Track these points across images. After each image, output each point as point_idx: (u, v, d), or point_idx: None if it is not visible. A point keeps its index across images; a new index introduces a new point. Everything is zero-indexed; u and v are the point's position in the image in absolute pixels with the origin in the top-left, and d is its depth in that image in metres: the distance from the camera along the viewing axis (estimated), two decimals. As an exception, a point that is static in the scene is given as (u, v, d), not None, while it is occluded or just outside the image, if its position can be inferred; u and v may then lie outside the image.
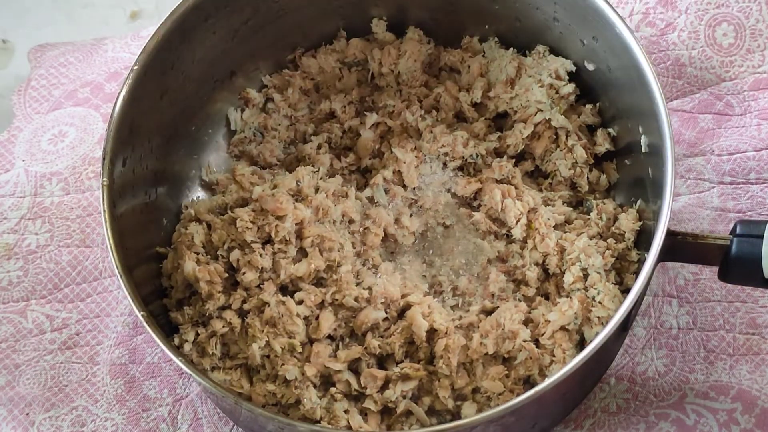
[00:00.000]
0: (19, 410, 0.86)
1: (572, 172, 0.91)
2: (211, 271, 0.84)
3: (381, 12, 0.97)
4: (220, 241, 0.85)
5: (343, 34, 0.98)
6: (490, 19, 0.94)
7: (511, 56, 0.93)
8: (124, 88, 0.83)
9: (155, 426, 0.87)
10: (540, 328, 0.82)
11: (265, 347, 0.82)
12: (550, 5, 0.88)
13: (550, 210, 0.88)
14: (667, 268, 0.90)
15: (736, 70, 0.95)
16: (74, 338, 0.91)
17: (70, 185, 0.97)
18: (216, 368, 0.82)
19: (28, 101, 1.04)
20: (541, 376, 0.81)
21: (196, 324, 0.83)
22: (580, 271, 0.83)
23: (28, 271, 0.93)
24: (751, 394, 0.82)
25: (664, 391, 0.84)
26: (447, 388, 0.81)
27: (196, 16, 0.87)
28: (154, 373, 0.89)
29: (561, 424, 0.85)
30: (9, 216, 0.95)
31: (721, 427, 0.81)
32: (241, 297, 0.83)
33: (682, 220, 0.91)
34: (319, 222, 0.86)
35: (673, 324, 0.87)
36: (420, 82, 0.96)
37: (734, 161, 0.92)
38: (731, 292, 0.87)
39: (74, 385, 0.88)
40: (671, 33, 0.96)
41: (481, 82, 0.94)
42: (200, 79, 0.92)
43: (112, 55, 1.07)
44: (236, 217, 0.84)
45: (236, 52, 0.94)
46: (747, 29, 0.95)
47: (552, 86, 0.91)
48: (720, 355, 0.85)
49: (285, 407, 0.82)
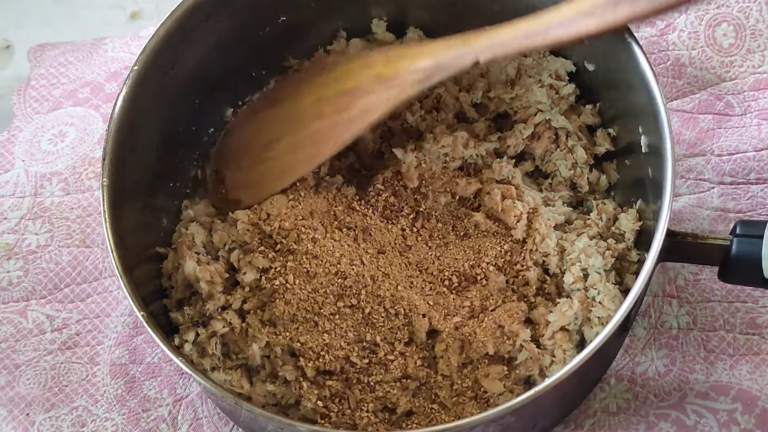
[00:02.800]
0: (19, 410, 0.86)
1: (572, 173, 0.91)
2: (211, 271, 0.84)
3: (381, 12, 0.97)
4: (221, 243, 0.85)
5: (343, 34, 0.98)
6: (490, 19, 0.94)
7: (511, 56, 0.93)
8: (124, 88, 0.83)
9: (155, 426, 0.87)
10: (540, 328, 0.82)
11: (265, 347, 0.82)
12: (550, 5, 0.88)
13: (550, 210, 0.88)
14: (667, 268, 0.90)
15: (736, 71, 0.95)
16: (74, 338, 0.91)
17: (70, 185, 0.97)
18: (216, 368, 0.82)
19: (28, 101, 1.04)
20: (541, 376, 0.81)
21: (197, 324, 0.84)
22: (580, 271, 0.83)
23: (28, 271, 0.93)
24: (751, 394, 0.82)
25: (664, 391, 0.84)
26: (447, 388, 0.81)
27: (196, 16, 0.87)
28: (154, 373, 0.89)
29: (561, 424, 0.85)
30: (9, 216, 0.95)
31: (721, 427, 0.81)
32: (242, 297, 0.84)
33: (682, 220, 0.91)
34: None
35: (673, 324, 0.87)
36: (420, 82, 0.96)
37: (734, 161, 0.92)
38: (731, 292, 0.87)
39: (74, 386, 0.88)
40: (671, 33, 0.96)
41: (481, 82, 0.94)
42: (200, 79, 0.92)
43: (112, 55, 1.07)
44: (237, 219, 0.85)
45: (236, 52, 0.94)
46: (747, 29, 0.95)
47: (552, 87, 0.91)
48: (720, 355, 0.85)
49: (285, 407, 0.82)
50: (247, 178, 0.87)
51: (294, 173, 0.85)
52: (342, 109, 0.85)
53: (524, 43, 0.80)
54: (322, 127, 0.85)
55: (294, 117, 0.87)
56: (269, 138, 0.88)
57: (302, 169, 0.85)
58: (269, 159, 0.87)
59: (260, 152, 0.88)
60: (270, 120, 0.89)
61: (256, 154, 0.88)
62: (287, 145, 0.86)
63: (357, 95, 0.85)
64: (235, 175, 0.89)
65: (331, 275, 0.83)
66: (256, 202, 0.85)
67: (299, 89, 0.89)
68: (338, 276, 0.83)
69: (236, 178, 0.89)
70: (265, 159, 0.87)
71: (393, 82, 0.84)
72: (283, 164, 0.86)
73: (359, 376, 0.81)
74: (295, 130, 0.87)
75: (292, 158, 0.85)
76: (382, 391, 0.81)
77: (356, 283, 0.83)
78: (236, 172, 0.89)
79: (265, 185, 0.86)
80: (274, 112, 0.89)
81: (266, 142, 0.88)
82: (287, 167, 0.85)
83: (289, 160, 0.85)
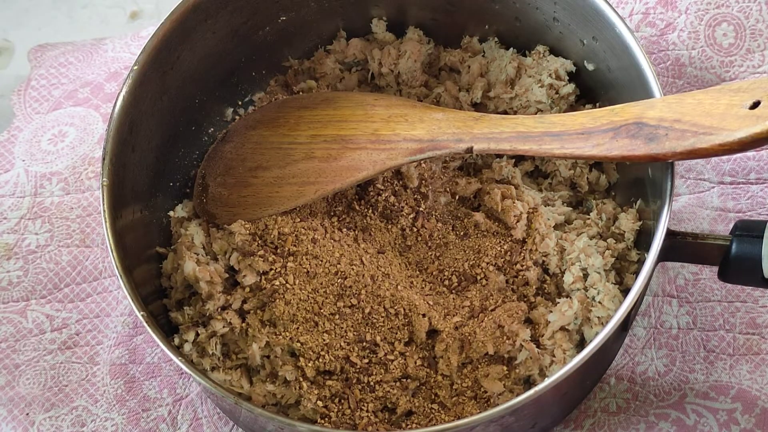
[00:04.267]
0: (19, 410, 0.86)
1: (572, 173, 0.91)
2: (211, 271, 0.84)
3: (381, 12, 0.97)
4: (221, 251, 0.86)
5: (343, 34, 0.98)
6: (490, 19, 0.94)
7: (511, 56, 0.94)
8: (124, 88, 0.83)
9: (155, 426, 0.87)
10: (540, 328, 0.82)
11: (265, 347, 0.82)
12: (550, 5, 0.88)
13: (550, 210, 0.88)
14: (667, 268, 0.90)
15: (736, 70, 0.95)
16: (74, 338, 0.91)
17: (70, 185, 0.97)
18: (216, 368, 0.82)
19: (28, 101, 1.04)
20: (541, 376, 0.81)
21: (196, 324, 0.84)
22: (580, 271, 0.83)
23: (28, 271, 0.93)
24: (751, 394, 0.82)
25: (664, 391, 0.84)
26: (447, 388, 0.81)
27: (196, 16, 0.87)
28: (154, 373, 0.89)
29: (561, 424, 0.85)
30: (9, 216, 0.95)
31: (721, 427, 0.81)
32: (242, 297, 0.84)
33: (682, 220, 0.91)
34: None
35: (673, 324, 0.87)
36: (420, 82, 0.96)
37: (734, 161, 0.92)
38: (731, 292, 0.87)
39: (74, 385, 0.88)
40: (671, 33, 0.96)
41: (481, 82, 0.94)
42: (200, 79, 0.92)
43: (112, 55, 1.07)
44: (234, 231, 0.85)
45: (236, 52, 0.94)
46: (747, 29, 0.95)
47: (552, 86, 0.91)
48: (720, 355, 0.85)
49: (285, 407, 0.82)
50: (229, 197, 0.88)
51: (273, 207, 0.85)
52: (332, 157, 0.86)
53: (518, 147, 0.80)
54: (309, 169, 0.86)
55: (287, 149, 0.88)
56: (258, 163, 0.88)
57: (281, 206, 0.85)
58: (253, 185, 0.87)
59: (246, 174, 0.88)
60: (264, 143, 0.89)
61: (242, 175, 0.88)
62: (273, 176, 0.87)
63: (350, 147, 0.86)
64: (219, 189, 0.89)
65: (331, 275, 0.83)
66: (230, 223, 0.86)
67: (301, 117, 0.89)
68: (338, 276, 0.83)
69: (218, 192, 0.89)
70: (249, 183, 0.87)
71: (386, 145, 0.85)
72: (264, 195, 0.86)
73: (359, 376, 0.81)
74: (283, 164, 0.87)
75: (274, 192, 0.86)
76: (382, 391, 0.81)
77: (356, 283, 0.83)
78: (220, 186, 0.89)
79: (243, 211, 0.86)
80: (270, 135, 0.90)
81: (254, 166, 0.88)
82: (267, 200, 0.86)
83: (271, 192, 0.86)
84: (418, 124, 0.85)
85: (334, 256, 0.84)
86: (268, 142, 0.89)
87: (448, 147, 0.83)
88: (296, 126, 0.89)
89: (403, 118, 0.86)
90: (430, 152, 0.83)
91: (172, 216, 0.89)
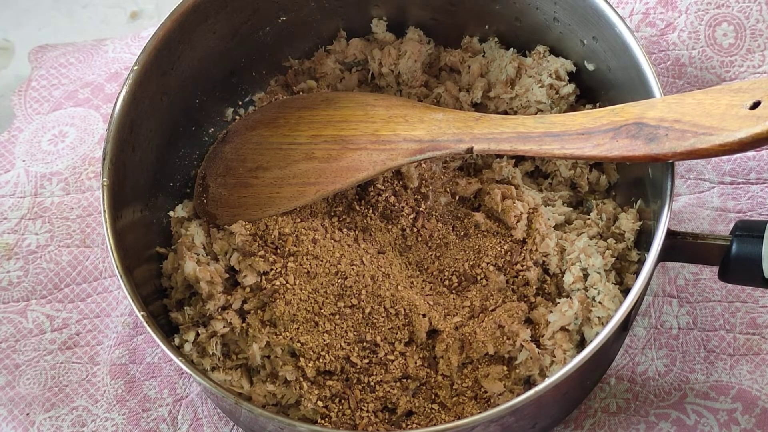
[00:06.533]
0: (19, 410, 0.86)
1: (572, 173, 0.91)
2: (211, 271, 0.84)
3: (381, 12, 0.97)
4: (221, 252, 0.86)
5: (343, 34, 0.98)
6: (490, 19, 0.95)
7: (511, 56, 0.94)
8: (125, 88, 0.83)
9: (155, 426, 0.87)
10: (540, 328, 0.82)
11: (265, 347, 0.82)
12: (550, 5, 0.88)
13: (550, 210, 0.88)
14: (667, 268, 0.90)
15: (736, 70, 0.95)
16: (74, 338, 0.91)
17: (70, 185, 0.97)
18: (216, 368, 0.82)
19: (29, 101, 1.04)
20: (541, 376, 0.81)
21: (197, 324, 0.84)
22: (580, 271, 0.83)
23: (28, 271, 0.93)
24: (751, 394, 0.82)
25: (664, 391, 0.84)
26: (447, 388, 0.81)
27: (196, 16, 0.87)
28: (154, 373, 0.89)
29: (561, 424, 0.85)
30: (9, 216, 0.96)
31: (721, 427, 0.81)
32: (242, 297, 0.84)
33: (682, 220, 0.91)
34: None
35: (674, 324, 0.87)
36: (420, 83, 0.96)
37: (734, 161, 0.92)
38: (731, 292, 0.87)
39: (74, 385, 0.88)
40: (671, 33, 0.96)
41: (481, 82, 0.94)
42: (200, 79, 0.92)
43: (113, 55, 1.07)
44: (234, 232, 0.85)
45: (236, 52, 0.94)
46: (747, 29, 0.95)
47: (552, 86, 0.91)
48: (720, 355, 0.85)
49: (285, 407, 0.82)
50: (229, 197, 0.88)
51: (273, 207, 0.85)
52: (332, 157, 0.86)
53: (519, 147, 0.80)
54: (309, 170, 0.86)
55: (287, 149, 0.88)
56: (258, 163, 0.88)
57: (281, 206, 0.85)
58: (253, 186, 0.87)
59: (246, 175, 0.88)
60: (264, 143, 0.89)
61: (242, 176, 0.88)
62: (273, 177, 0.87)
63: (350, 147, 0.86)
64: (219, 189, 0.89)
65: (332, 275, 0.83)
66: (230, 224, 0.86)
67: (301, 117, 0.89)
68: (338, 276, 0.83)
69: (218, 193, 0.89)
70: (250, 184, 0.87)
71: (387, 145, 0.85)
72: (264, 196, 0.86)
73: (359, 376, 0.81)
74: (283, 165, 0.87)
75: (274, 192, 0.86)
76: (382, 391, 0.81)
77: (356, 283, 0.83)
78: (220, 187, 0.89)
79: (243, 212, 0.86)
80: (271, 135, 0.90)
81: (254, 166, 0.88)
82: (267, 200, 0.86)
83: (271, 193, 0.86)
84: (419, 125, 0.85)
85: (334, 257, 0.84)
86: (268, 142, 0.90)
87: (449, 147, 0.83)
88: (296, 126, 0.89)
89: (404, 118, 0.86)
90: (431, 152, 0.83)
91: (172, 216, 0.89)
